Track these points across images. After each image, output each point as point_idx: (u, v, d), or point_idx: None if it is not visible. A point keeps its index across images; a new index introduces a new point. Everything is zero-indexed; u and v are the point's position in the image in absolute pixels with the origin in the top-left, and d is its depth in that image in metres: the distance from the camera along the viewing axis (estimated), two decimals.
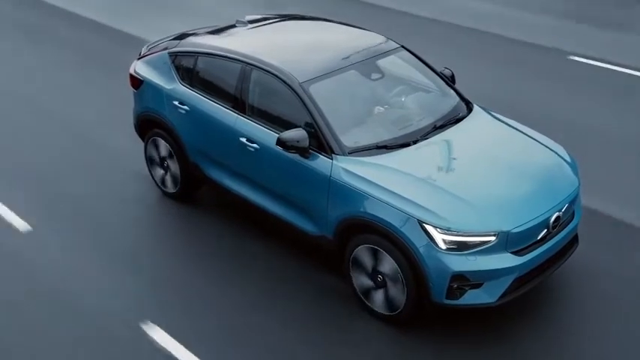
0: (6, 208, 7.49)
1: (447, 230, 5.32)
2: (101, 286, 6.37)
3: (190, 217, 7.33)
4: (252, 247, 6.84)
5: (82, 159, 8.44)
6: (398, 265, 5.52)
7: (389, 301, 5.79)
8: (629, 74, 10.31)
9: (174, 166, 7.33)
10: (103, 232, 7.12)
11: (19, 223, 7.23)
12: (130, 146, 8.49)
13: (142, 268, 6.63)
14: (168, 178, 7.51)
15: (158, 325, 5.90)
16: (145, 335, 5.80)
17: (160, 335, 5.80)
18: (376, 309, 5.90)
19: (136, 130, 7.77)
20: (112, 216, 7.38)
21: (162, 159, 7.46)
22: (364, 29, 7.13)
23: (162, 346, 5.70)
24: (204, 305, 6.13)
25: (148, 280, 6.47)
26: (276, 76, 6.22)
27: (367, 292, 5.93)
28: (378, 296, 5.84)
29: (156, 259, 6.77)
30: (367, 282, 5.86)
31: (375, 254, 5.67)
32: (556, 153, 6.13)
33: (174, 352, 5.64)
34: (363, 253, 5.75)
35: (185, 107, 6.95)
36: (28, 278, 6.49)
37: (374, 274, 5.77)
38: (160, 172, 7.58)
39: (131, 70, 7.60)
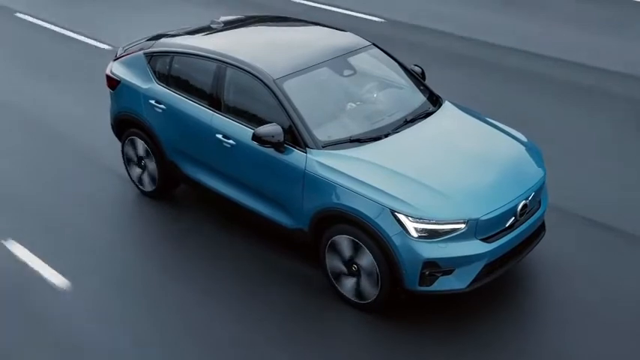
0: None
1: (418, 219, 5.51)
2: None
3: (166, 215, 7.44)
4: (225, 240, 6.97)
5: (56, 160, 8.53)
6: (371, 253, 5.69)
7: (358, 291, 5.96)
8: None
9: (151, 164, 7.45)
10: (75, 232, 7.21)
11: None
12: (106, 145, 8.59)
13: (118, 271, 6.75)
14: (145, 177, 7.62)
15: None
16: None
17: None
18: (344, 292, 6.08)
19: (113, 130, 7.87)
20: (85, 215, 7.47)
21: (140, 158, 7.57)
22: (336, 28, 7.31)
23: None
24: (166, 298, 6.25)
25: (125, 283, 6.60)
26: (251, 73, 6.38)
27: (338, 276, 6.10)
28: (349, 283, 6.02)
29: (129, 258, 6.89)
30: (340, 267, 6.03)
31: (354, 245, 5.83)
32: (522, 144, 6.35)
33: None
34: (341, 241, 5.91)
35: (162, 106, 7.07)
36: None
37: (349, 262, 5.93)
38: (137, 170, 7.69)
39: (107, 71, 7.71)
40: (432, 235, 5.53)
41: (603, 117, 9.27)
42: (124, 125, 7.65)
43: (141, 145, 7.47)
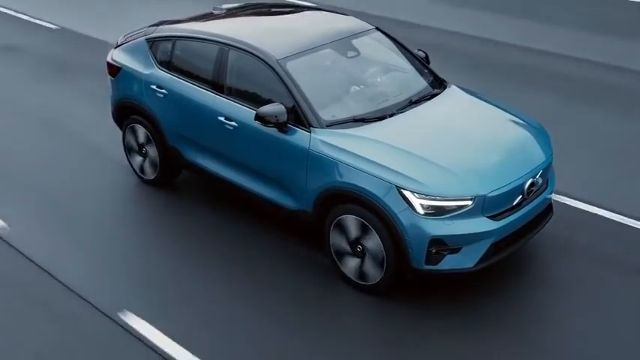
0: None
1: (424, 195, 5.41)
2: (79, 276, 6.31)
3: (169, 203, 7.34)
4: (230, 227, 6.87)
5: (56, 150, 8.44)
6: (376, 231, 5.59)
7: (361, 272, 5.86)
8: None
9: (152, 151, 7.36)
10: (80, 222, 7.08)
11: None
12: (106, 137, 8.50)
13: (120, 256, 6.63)
14: (146, 165, 7.53)
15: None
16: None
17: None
18: (346, 273, 5.97)
19: (114, 118, 7.79)
20: (90, 205, 7.35)
21: (141, 145, 7.48)
22: (340, 13, 7.26)
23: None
24: (180, 289, 6.12)
25: (127, 269, 6.46)
26: (254, 54, 6.30)
27: (341, 256, 5.99)
28: (352, 263, 5.91)
29: (133, 246, 6.78)
30: (345, 247, 5.92)
31: (359, 225, 5.72)
32: (529, 124, 6.27)
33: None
34: (346, 221, 5.80)
35: (163, 91, 6.99)
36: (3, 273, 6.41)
37: (354, 243, 5.83)
38: (138, 158, 7.60)
39: (108, 58, 7.64)
40: (438, 211, 5.43)
41: None
42: (125, 112, 7.55)
43: (142, 132, 7.38)
